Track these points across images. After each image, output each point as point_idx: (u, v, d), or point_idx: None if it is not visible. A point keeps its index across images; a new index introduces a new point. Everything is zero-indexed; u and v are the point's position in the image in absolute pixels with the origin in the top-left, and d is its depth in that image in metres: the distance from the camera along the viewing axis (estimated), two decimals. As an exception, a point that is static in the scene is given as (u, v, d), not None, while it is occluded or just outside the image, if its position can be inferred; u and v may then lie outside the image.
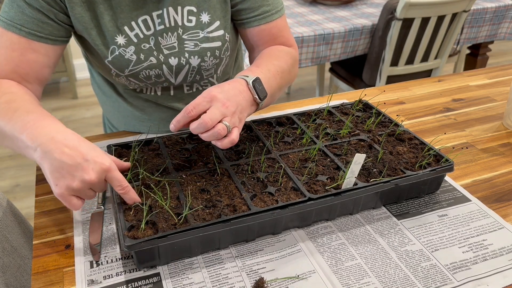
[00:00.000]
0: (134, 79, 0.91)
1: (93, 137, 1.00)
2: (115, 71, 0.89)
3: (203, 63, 0.92)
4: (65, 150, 0.64)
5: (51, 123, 0.70)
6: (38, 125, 0.68)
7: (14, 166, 2.46)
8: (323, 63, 2.12)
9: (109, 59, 0.87)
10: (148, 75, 0.90)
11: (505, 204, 0.82)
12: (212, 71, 0.97)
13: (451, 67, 3.53)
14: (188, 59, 0.91)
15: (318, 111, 1.00)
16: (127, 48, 0.86)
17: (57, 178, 0.64)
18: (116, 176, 0.67)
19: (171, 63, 0.90)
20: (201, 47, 0.90)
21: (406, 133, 0.91)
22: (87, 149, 0.66)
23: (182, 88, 0.99)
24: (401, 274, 0.66)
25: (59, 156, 0.64)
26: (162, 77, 0.92)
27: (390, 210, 0.79)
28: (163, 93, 0.98)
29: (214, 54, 0.92)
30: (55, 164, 0.64)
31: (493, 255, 0.70)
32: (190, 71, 0.93)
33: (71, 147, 0.65)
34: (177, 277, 0.65)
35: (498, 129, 1.07)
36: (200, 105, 0.71)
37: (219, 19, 0.90)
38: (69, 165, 0.64)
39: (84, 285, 0.64)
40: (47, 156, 0.65)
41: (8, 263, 0.85)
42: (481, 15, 2.28)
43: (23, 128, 0.68)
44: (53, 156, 0.64)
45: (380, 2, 2.38)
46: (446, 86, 1.30)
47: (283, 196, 0.72)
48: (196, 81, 0.98)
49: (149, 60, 0.88)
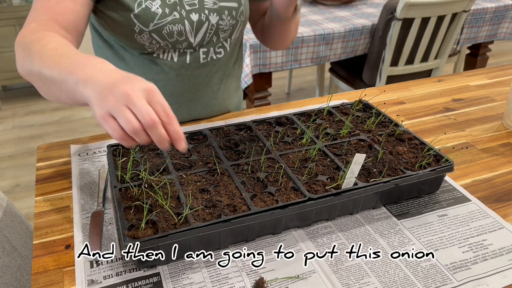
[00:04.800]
0: (157, 35, 0.93)
1: (93, 137, 1.00)
2: (139, 27, 0.91)
3: (221, 22, 0.98)
4: (111, 74, 0.63)
5: (101, 61, 0.68)
6: (87, 62, 0.66)
7: (14, 166, 2.46)
8: (323, 63, 2.12)
9: (135, 12, 0.89)
10: (171, 30, 0.93)
11: (505, 204, 0.82)
12: (228, 33, 1.02)
13: (451, 67, 3.53)
14: (208, 16, 0.96)
15: (318, 111, 1.00)
16: (154, 1, 0.90)
17: (100, 99, 0.60)
18: (160, 100, 0.60)
19: (192, 18, 0.94)
20: (219, 5, 0.96)
21: (406, 133, 0.91)
22: (135, 76, 0.63)
23: (198, 56, 1.01)
24: (401, 274, 0.66)
25: (105, 79, 0.62)
26: (183, 35, 0.95)
27: (390, 210, 0.79)
28: (179, 59, 1.00)
29: (231, 14, 0.98)
30: (100, 86, 0.61)
31: (493, 255, 0.70)
32: (209, 30, 0.98)
33: (117, 71, 0.64)
34: (177, 277, 0.66)
35: (498, 129, 1.07)
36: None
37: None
38: (113, 82, 0.60)
39: (84, 285, 0.64)
40: (93, 81, 0.62)
41: (8, 263, 0.85)
42: (481, 15, 2.28)
43: (72, 67, 0.66)
44: (99, 80, 0.62)
45: (380, 2, 2.38)
46: (446, 86, 1.30)
47: (283, 196, 0.72)
48: (212, 44, 1.01)
49: (172, 14, 0.92)
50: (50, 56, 0.71)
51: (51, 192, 0.83)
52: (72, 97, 0.68)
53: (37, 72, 0.72)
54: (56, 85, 0.70)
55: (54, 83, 0.70)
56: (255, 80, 2.02)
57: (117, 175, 0.76)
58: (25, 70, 0.76)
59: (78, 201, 0.80)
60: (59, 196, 0.82)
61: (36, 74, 0.73)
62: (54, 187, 0.85)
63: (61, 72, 0.68)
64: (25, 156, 2.56)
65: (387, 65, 2.08)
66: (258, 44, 1.87)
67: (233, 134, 0.91)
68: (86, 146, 0.97)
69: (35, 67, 0.73)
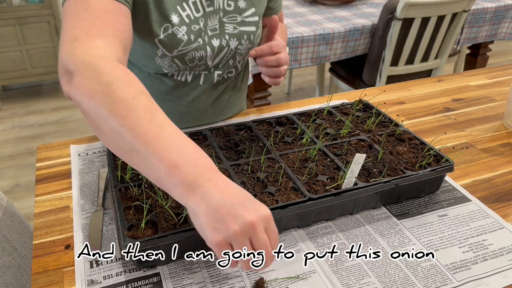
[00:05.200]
0: (179, 61, 0.91)
1: (93, 137, 1.00)
2: (163, 51, 0.89)
3: (239, 46, 0.98)
4: (225, 190, 0.56)
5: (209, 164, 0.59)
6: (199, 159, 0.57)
7: (14, 166, 2.46)
8: (323, 63, 2.12)
9: (161, 37, 0.87)
10: (193, 56, 0.92)
11: (505, 204, 0.82)
12: (243, 56, 1.03)
13: (451, 67, 3.53)
14: (228, 41, 0.95)
15: (318, 111, 1.00)
16: (180, 27, 0.88)
17: (217, 221, 0.54)
18: (273, 227, 0.57)
19: (214, 44, 0.94)
20: (239, 30, 0.96)
21: (406, 133, 0.91)
22: (246, 193, 0.58)
23: (212, 77, 1.01)
24: (401, 274, 0.66)
25: (219, 195, 0.55)
26: (203, 60, 0.95)
27: (390, 210, 0.79)
28: (193, 80, 0.99)
29: (249, 38, 0.98)
30: (215, 204, 0.54)
31: (493, 255, 0.70)
32: (227, 54, 0.97)
33: (231, 187, 0.56)
34: (177, 277, 0.65)
35: (498, 129, 1.07)
36: (278, 46, 0.90)
37: (254, 7, 0.97)
38: (232, 205, 0.54)
39: (84, 285, 0.64)
40: (204, 193, 0.55)
41: (8, 263, 0.85)
42: (481, 15, 2.27)
43: (179, 159, 0.56)
44: (213, 195, 0.55)
45: (380, 2, 2.38)
46: (446, 86, 1.30)
47: (283, 196, 0.72)
48: (227, 66, 1.02)
49: (197, 41, 0.91)
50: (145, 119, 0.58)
51: (51, 192, 0.83)
52: (160, 184, 0.58)
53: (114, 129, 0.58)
54: (140, 159, 0.58)
55: (139, 156, 0.58)
56: (255, 80, 2.02)
57: (117, 175, 0.76)
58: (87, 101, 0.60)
59: (78, 201, 0.80)
60: (59, 196, 0.82)
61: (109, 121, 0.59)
62: (54, 187, 0.85)
63: (158, 155, 0.56)
64: (25, 156, 2.55)
65: (387, 65, 2.08)
66: (258, 44, 1.87)
67: (233, 134, 0.91)
68: (86, 146, 0.97)
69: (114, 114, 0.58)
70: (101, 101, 0.59)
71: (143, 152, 0.57)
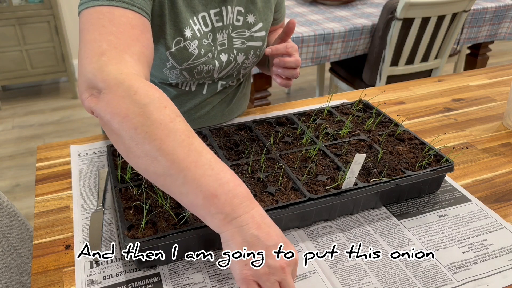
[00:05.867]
0: (187, 73, 0.92)
1: (93, 137, 1.00)
2: (172, 63, 0.88)
3: (246, 61, 0.98)
4: (262, 226, 0.56)
5: (240, 185, 0.58)
6: (237, 188, 0.57)
7: (14, 166, 2.46)
8: (323, 63, 2.12)
9: (172, 50, 0.86)
10: (201, 70, 0.92)
11: (505, 204, 0.82)
12: (248, 69, 1.04)
13: (451, 67, 3.53)
14: (236, 56, 0.96)
15: (318, 111, 1.00)
16: (192, 41, 0.88)
17: (241, 257, 0.56)
18: (295, 272, 0.59)
19: (222, 59, 0.94)
20: (247, 45, 0.96)
21: (406, 133, 0.91)
22: (280, 232, 0.58)
23: (216, 87, 1.01)
24: (401, 274, 0.66)
25: (257, 232, 0.55)
26: (210, 73, 0.95)
27: (390, 210, 0.79)
28: (196, 89, 1.00)
29: (256, 53, 0.99)
30: (250, 240, 0.55)
31: (493, 255, 0.70)
32: (233, 67, 0.98)
33: (268, 224, 0.57)
34: (177, 277, 0.65)
35: (498, 129, 1.07)
36: (292, 48, 0.91)
37: (262, 21, 0.97)
38: (264, 243, 0.55)
39: (84, 285, 0.64)
40: (242, 230, 0.56)
41: (8, 263, 0.85)
42: (481, 15, 2.27)
43: (218, 187, 0.56)
44: (250, 231, 0.55)
45: (380, 2, 2.38)
46: (446, 86, 1.30)
47: (283, 196, 0.72)
48: (231, 78, 1.02)
49: (207, 56, 0.91)
50: (183, 143, 0.57)
51: (51, 192, 0.83)
52: (194, 210, 0.58)
53: (148, 152, 0.57)
54: (175, 184, 0.57)
55: (173, 181, 0.57)
56: (255, 80, 2.02)
57: (117, 175, 0.76)
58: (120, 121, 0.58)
59: (78, 201, 0.80)
60: (59, 196, 0.82)
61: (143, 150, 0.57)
62: (54, 187, 0.85)
63: (197, 182, 0.56)
64: (25, 156, 2.56)
65: (387, 65, 2.08)
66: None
67: (233, 134, 0.91)
68: (86, 146, 0.97)
69: (149, 135, 0.57)
70: (136, 122, 0.57)
71: (180, 177, 0.56)
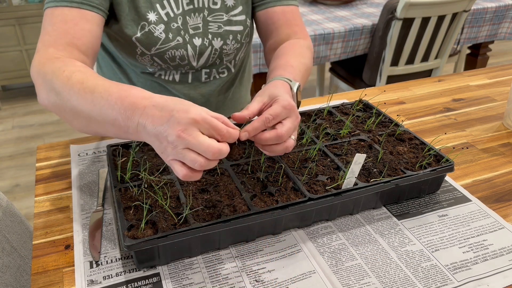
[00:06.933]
0: (159, 59, 0.92)
1: (93, 137, 1.00)
2: (141, 49, 0.90)
3: (225, 46, 0.96)
4: (155, 115, 0.59)
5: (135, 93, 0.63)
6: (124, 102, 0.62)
7: (14, 166, 2.46)
8: (323, 63, 2.12)
9: (138, 36, 0.88)
10: (173, 55, 0.92)
11: (506, 204, 0.82)
12: (232, 56, 1.00)
13: (451, 67, 3.53)
14: (211, 41, 0.94)
15: (318, 111, 1.00)
16: (157, 25, 0.88)
17: (159, 149, 0.60)
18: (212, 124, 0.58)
19: (195, 43, 0.93)
20: (224, 29, 0.94)
21: (406, 133, 0.90)
22: (174, 104, 0.59)
23: (200, 76, 1.00)
24: (401, 274, 0.66)
25: (151, 123, 0.59)
26: (186, 59, 0.94)
27: (390, 210, 0.79)
28: (181, 79, 0.99)
29: (236, 38, 0.96)
30: (152, 134, 0.59)
31: (493, 255, 0.70)
32: (212, 54, 0.96)
33: (160, 108, 0.59)
34: (177, 277, 0.65)
35: (498, 129, 1.07)
36: (279, 116, 0.65)
37: (242, 4, 0.94)
38: (162, 128, 0.58)
39: (84, 285, 0.64)
40: (143, 130, 0.60)
41: (8, 263, 0.85)
42: (481, 15, 2.27)
43: (113, 112, 0.63)
44: (147, 127, 0.59)
45: (380, 2, 2.38)
46: (446, 86, 1.30)
47: (283, 196, 0.72)
48: (215, 66, 1.00)
49: (176, 40, 0.90)
50: (79, 91, 0.67)
51: (51, 192, 0.83)
52: (124, 137, 0.66)
53: (68, 108, 0.69)
54: (95, 123, 0.67)
55: (93, 121, 0.67)
56: (255, 80, 2.02)
57: (117, 175, 0.76)
58: (51, 104, 0.72)
59: (78, 201, 0.80)
60: (59, 196, 0.82)
61: (66, 110, 0.69)
62: (54, 187, 0.85)
63: (101, 114, 0.64)
64: (25, 156, 2.55)
65: (387, 65, 2.08)
66: (259, 44, 1.87)
67: (233, 134, 0.91)
68: (86, 146, 0.97)
69: (64, 102, 0.69)
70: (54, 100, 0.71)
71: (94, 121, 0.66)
